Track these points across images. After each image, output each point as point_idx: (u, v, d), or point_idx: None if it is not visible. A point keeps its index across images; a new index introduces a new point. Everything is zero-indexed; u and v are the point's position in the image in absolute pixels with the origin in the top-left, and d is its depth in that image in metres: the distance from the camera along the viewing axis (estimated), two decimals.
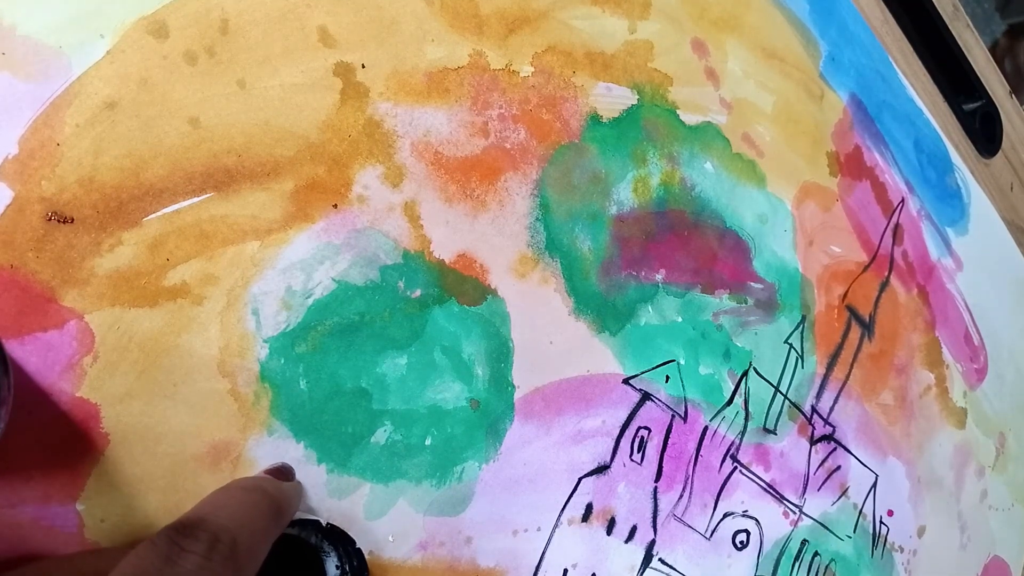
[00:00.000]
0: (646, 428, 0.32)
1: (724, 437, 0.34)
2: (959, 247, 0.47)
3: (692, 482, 0.33)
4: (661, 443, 0.32)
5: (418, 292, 0.26)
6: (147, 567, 0.17)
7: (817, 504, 0.38)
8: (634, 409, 0.31)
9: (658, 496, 0.32)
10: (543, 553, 0.29)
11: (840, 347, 0.39)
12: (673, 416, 0.33)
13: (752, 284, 0.36)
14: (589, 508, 0.30)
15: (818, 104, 0.39)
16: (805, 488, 0.37)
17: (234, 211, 0.23)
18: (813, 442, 0.38)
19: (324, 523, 0.23)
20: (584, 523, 0.30)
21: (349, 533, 0.24)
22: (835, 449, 0.39)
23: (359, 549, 0.23)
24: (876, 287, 0.41)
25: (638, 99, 0.32)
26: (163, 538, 0.17)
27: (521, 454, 0.28)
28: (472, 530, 0.27)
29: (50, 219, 0.21)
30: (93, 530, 0.21)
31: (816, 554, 0.38)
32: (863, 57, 0.42)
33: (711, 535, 0.34)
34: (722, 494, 0.34)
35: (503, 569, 0.28)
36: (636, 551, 0.31)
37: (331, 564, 0.23)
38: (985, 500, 0.48)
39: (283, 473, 0.23)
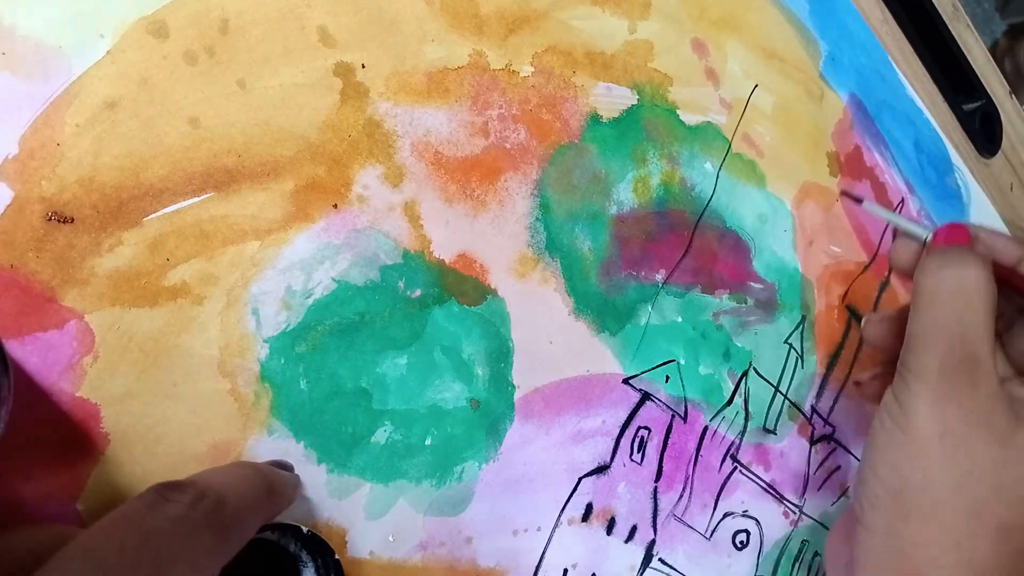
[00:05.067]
0: (646, 428, 0.32)
1: (724, 437, 0.34)
2: None
3: (692, 482, 0.33)
4: (661, 443, 0.32)
5: (418, 292, 0.26)
6: (131, 513, 0.17)
7: (817, 504, 0.38)
8: (634, 409, 0.31)
9: (658, 496, 0.32)
10: (543, 553, 0.29)
11: (840, 347, 0.39)
12: (673, 416, 0.33)
13: (752, 284, 0.36)
14: (589, 508, 0.30)
15: (818, 104, 0.39)
16: (805, 488, 0.37)
17: (234, 211, 0.23)
18: (813, 442, 0.38)
19: (306, 530, 0.23)
20: (584, 523, 0.30)
21: (329, 543, 0.23)
22: (835, 449, 0.39)
23: (338, 560, 0.23)
24: (876, 287, 0.41)
25: (638, 99, 0.32)
26: (150, 491, 0.18)
27: (521, 454, 0.28)
28: (472, 530, 0.27)
29: (50, 219, 0.21)
30: None
31: (816, 554, 0.38)
32: (863, 57, 0.42)
33: (711, 535, 0.34)
34: (722, 494, 0.34)
35: (503, 569, 0.28)
36: (636, 551, 0.31)
37: (308, 574, 0.23)
38: None
39: (281, 466, 0.23)
